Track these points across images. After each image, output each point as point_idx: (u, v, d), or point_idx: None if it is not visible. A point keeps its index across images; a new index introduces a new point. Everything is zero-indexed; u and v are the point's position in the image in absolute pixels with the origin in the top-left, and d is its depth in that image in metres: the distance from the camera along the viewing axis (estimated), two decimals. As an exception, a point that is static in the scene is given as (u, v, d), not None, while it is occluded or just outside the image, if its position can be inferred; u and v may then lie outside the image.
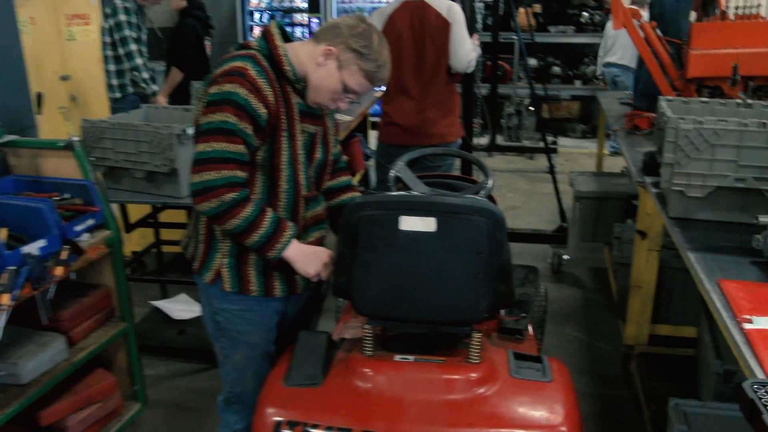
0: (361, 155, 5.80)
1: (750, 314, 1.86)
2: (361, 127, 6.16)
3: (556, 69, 8.92)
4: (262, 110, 2.06)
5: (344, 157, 2.63)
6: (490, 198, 2.86)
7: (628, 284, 3.50)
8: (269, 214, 2.11)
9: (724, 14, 3.78)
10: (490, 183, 2.64)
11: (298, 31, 9.27)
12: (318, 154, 2.27)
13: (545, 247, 5.16)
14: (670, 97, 2.87)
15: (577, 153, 7.97)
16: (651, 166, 3.04)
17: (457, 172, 4.47)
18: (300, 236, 2.23)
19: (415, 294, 2.07)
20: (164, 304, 4.31)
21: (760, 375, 1.61)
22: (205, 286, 2.27)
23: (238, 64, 2.08)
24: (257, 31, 9.39)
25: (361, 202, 2.04)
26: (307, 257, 2.19)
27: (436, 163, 3.83)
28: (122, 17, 4.58)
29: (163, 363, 3.84)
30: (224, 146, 2.03)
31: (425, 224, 1.98)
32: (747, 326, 1.80)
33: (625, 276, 3.67)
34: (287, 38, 2.23)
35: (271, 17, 9.36)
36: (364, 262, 2.05)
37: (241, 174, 2.07)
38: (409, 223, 1.99)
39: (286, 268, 2.21)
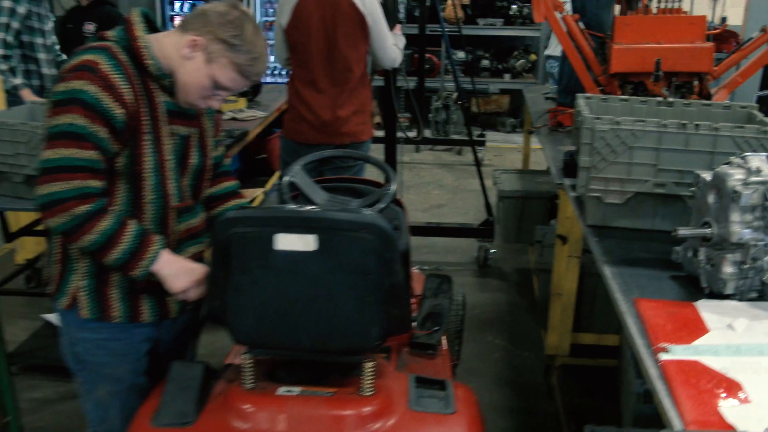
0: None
1: (667, 341, 1.66)
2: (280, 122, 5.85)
3: (485, 62, 8.75)
4: (118, 110, 1.77)
5: (227, 160, 2.35)
6: (397, 202, 2.62)
7: (550, 291, 3.32)
8: (132, 226, 1.83)
9: (647, 8, 3.62)
10: (393, 188, 2.40)
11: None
12: (193, 159, 2.00)
13: (472, 242, 4.97)
14: (588, 95, 2.68)
15: (506, 148, 7.82)
16: (571, 167, 2.84)
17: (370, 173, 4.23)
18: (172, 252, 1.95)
19: (296, 321, 1.83)
20: (56, 318, 3.95)
21: (672, 413, 1.42)
22: (62, 312, 1.97)
23: (88, 57, 1.79)
24: (178, 21, 8.97)
25: (231, 217, 1.77)
26: (177, 272, 1.91)
27: (348, 163, 3.57)
28: (5, 3, 4.17)
29: (52, 384, 3.50)
30: (73, 152, 1.75)
31: (304, 243, 1.73)
32: (663, 357, 1.60)
33: (547, 282, 3.49)
34: (153, 28, 1.94)
35: (192, 6, 8.95)
36: (236, 286, 1.80)
37: (95, 183, 1.79)
38: (286, 242, 1.73)
39: (155, 289, 1.94)
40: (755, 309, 1.83)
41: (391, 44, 3.66)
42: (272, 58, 4.84)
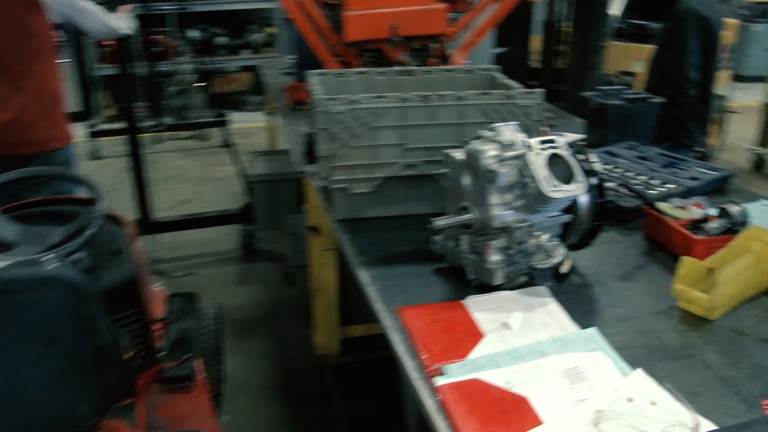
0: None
1: (441, 359, 1.41)
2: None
3: (222, 39, 8.22)
4: None
5: None
6: (114, 220, 2.16)
7: (310, 286, 3.02)
8: None
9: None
10: (102, 206, 1.93)
11: None
12: None
13: (231, 232, 4.56)
14: (321, 71, 2.38)
15: (255, 128, 7.40)
16: (312, 151, 2.53)
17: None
18: None
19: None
20: None
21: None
22: None
23: None
24: None
25: None
26: None
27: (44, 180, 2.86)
28: None
29: None
30: None
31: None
32: (439, 381, 1.34)
33: (306, 276, 3.18)
34: None
35: None
36: None
37: None
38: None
39: None
40: (527, 297, 1.64)
41: (101, 18, 3.10)
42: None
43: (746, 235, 1.75)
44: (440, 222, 1.63)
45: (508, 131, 1.67)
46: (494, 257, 1.62)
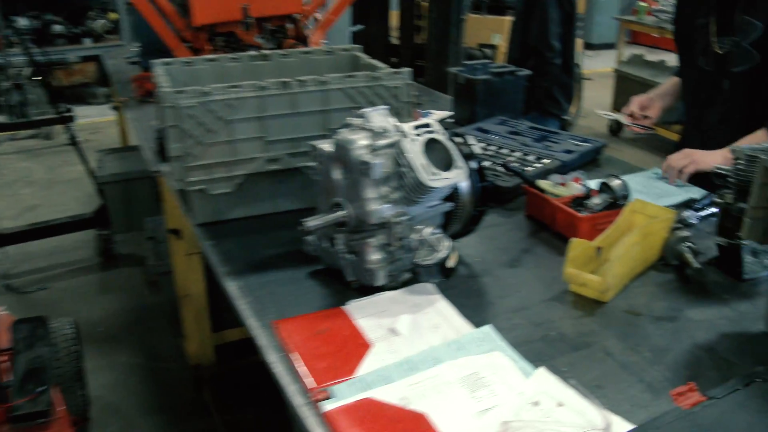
0: None
1: (326, 378, 1.25)
2: None
3: (59, 27, 7.61)
4: None
5: None
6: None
7: (176, 292, 2.78)
8: None
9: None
10: None
11: None
12: None
13: (86, 238, 4.19)
14: (167, 60, 2.14)
15: (104, 123, 6.90)
16: (164, 149, 2.29)
17: None
18: None
19: None
20: None
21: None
22: None
23: None
24: None
25: None
26: None
27: None
28: None
29: None
30: None
31: None
32: (326, 406, 1.18)
33: (172, 283, 2.94)
34: None
35: None
36: None
37: None
38: None
39: None
40: (414, 296, 1.51)
41: None
42: None
43: (630, 209, 1.69)
44: (311, 222, 1.46)
45: (378, 117, 1.52)
46: (374, 256, 1.48)
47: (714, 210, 1.94)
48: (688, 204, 1.95)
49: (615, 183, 1.78)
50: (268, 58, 2.16)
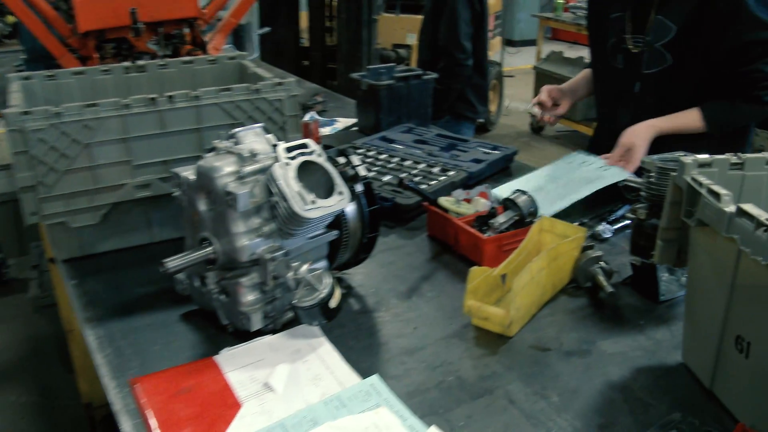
0: None
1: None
2: None
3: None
4: None
5: None
6: None
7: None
8: None
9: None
10: None
11: None
12: None
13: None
14: (26, 74, 1.90)
15: None
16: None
17: None
18: None
19: None
20: None
21: None
22: None
23: None
24: None
25: None
26: None
27: None
28: None
29: None
30: None
31: None
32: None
33: (57, 317, 2.69)
34: None
35: None
36: None
37: None
38: None
39: None
40: (295, 340, 1.33)
41: None
42: None
43: (537, 228, 1.55)
44: (173, 263, 1.26)
45: (251, 137, 1.34)
46: (247, 297, 1.29)
47: (629, 222, 1.82)
48: (602, 216, 1.83)
49: (521, 199, 1.63)
50: (144, 70, 1.94)
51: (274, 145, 1.35)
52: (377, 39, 4.42)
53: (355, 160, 1.39)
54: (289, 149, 1.28)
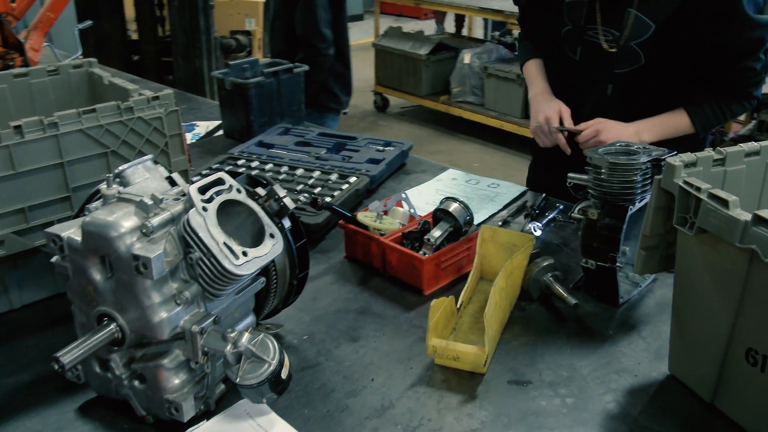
0: None
1: None
2: None
3: None
4: None
5: None
6: None
7: None
8: None
9: None
10: None
11: None
12: None
13: None
14: None
15: None
16: None
17: None
18: None
19: None
20: None
21: None
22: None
23: None
24: None
25: None
26: None
27: None
28: None
29: None
30: None
31: None
32: None
33: None
34: None
35: None
36: None
37: None
38: None
39: None
40: (237, 425, 1.08)
41: None
42: None
43: (480, 240, 1.38)
44: (69, 356, 0.96)
45: (142, 173, 1.06)
46: (173, 382, 1.02)
47: (554, 215, 1.70)
48: (528, 213, 1.69)
49: (453, 207, 1.45)
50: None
51: (170, 180, 1.08)
52: (215, 27, 4.06)
53: (279, 190, 1.14)
54: (203, 188, 1.01)
